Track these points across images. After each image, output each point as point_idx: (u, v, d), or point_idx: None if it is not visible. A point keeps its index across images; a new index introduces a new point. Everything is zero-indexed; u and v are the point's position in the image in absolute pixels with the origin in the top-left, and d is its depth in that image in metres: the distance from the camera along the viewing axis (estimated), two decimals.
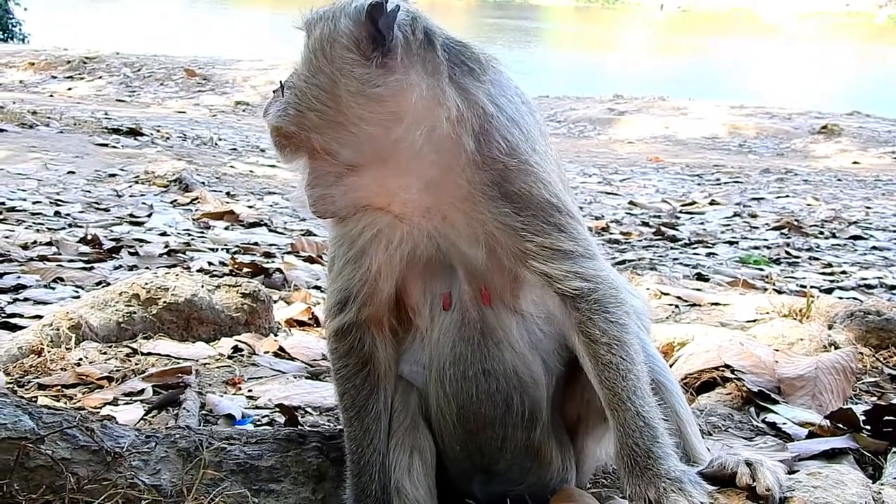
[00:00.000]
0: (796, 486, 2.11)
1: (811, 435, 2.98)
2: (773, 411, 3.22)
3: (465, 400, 2.40)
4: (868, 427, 2.92)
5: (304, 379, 3.72)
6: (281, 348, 4.07)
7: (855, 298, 5.85)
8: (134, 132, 14.04)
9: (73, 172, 10.17)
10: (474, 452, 2.48)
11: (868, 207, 12.07)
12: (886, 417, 2.92)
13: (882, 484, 2.37)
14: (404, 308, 2.44)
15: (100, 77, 23.65)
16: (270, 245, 7.19)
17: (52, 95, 20.75)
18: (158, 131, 14.67)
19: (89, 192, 9.14)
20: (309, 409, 3.36)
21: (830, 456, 2.75)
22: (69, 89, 22.19)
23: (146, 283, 4.12)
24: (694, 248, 8.74)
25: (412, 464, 2.42)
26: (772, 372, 3.47)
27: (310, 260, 6.56)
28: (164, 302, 4.08)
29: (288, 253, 6.83)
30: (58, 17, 38.80)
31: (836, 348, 3.83)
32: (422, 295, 2.40)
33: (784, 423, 3.12)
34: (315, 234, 7.82)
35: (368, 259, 2.33)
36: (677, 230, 9.74)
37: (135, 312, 4.03)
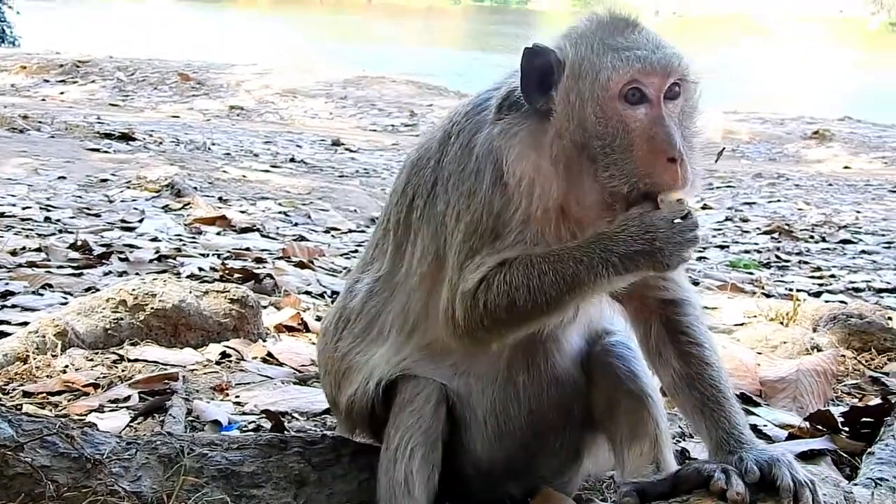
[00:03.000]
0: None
1: (791, 437, 3.02)
2: (754, 414, 3.24)
3: (535, 402, 2.48)
4: (846, 429, 2.96)
5: (291, 384, 3.73)
6: (269, 354, 4.08)
7: (842, 302, 5.88)
8: (126, 137, 14.02)
9: (63, 177, 10.16)
10: (516, 453, 2.54)
11: (858, 212, 12.10)
12: (864, 419, 2.96)
13: (854, 484, 2.40)
14: None
15: (93, 81, 23.58)
16: (262, 250, 7.18)
17: (44, 99, 20.67)
18: (151, 136, 14.65)
19: (80, 197, 9.14)
20: (296, 415, 3.38)
21: (809, 457, 2.78)
22: (61, 93, 22.11)
23: (133, 290, 4.13)
24: None
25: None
26: (754, 375, 3.50)
27: (300, 265, 6.56)
28: (152, 308, 4.09)
29: (279, 258, 6.83)
30: (50, 21, 38.74)
31: (819, 351, 3.86)
32: None
33: (765, 426, 3.17)
34: (307, 239, 7.83)
35: None
36: None
37: (122, 319, 4.04)
